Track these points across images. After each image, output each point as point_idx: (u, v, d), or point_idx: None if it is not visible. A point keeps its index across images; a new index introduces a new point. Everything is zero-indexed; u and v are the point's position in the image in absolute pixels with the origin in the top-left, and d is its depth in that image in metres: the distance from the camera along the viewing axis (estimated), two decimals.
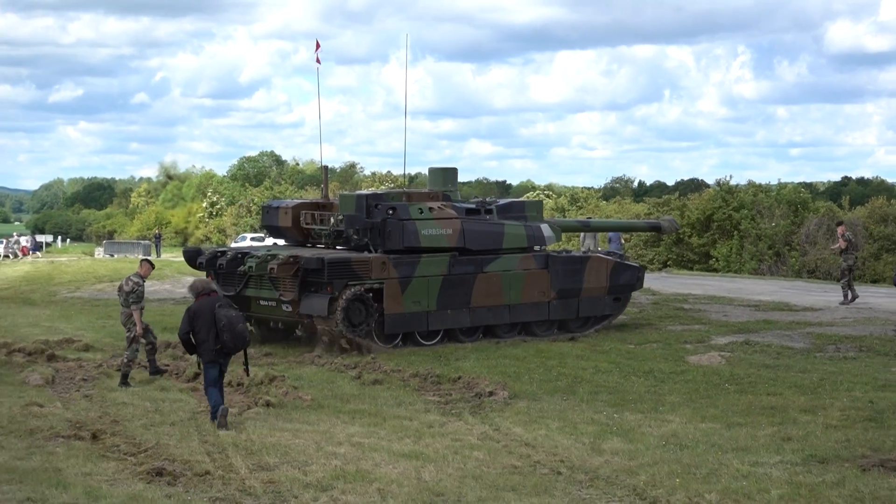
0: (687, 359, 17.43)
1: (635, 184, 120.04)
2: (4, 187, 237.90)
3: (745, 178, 76.32)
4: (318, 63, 23.89)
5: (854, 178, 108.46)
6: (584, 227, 26.87)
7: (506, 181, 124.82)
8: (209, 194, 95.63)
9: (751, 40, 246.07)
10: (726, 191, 51.78)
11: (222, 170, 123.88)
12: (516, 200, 23.05)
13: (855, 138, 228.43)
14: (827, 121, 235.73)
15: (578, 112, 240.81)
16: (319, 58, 23.84)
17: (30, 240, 70.08)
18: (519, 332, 20.36)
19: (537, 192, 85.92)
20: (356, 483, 9.51)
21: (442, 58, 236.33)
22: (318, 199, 21.51)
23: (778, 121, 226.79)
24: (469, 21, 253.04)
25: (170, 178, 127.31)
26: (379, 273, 18.54)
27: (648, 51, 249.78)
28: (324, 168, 24.02)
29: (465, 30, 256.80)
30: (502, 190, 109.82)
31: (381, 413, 13.04)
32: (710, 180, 78.08)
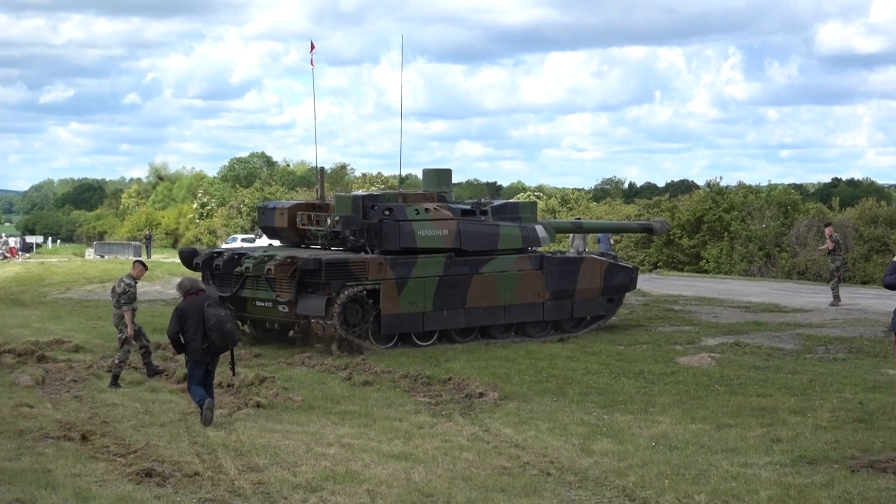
0: (677, 360, 17.46)
1: (626, 185, 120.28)
2: None
3: (736, 179, 76.42)
4: (311, 65, 23.91)
5: (844, 179, 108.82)
6: (577, 228, 26.92)
7: (496, 182, 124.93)
8: (200, 195, 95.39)
9: (741, 42, 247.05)
10: (717, 192, 51.94)
11: (213, 171, 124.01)
12: (511, 202, 23.13)
13: (845, 140, 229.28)
14: (817, 122, 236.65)
15: (569, 113, 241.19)
16: (312, 58, 23.87)
17: (18, 241, 69.89)
18: (514, 333, 20.42)
19: (528, 193, 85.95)
20: (346, 484, 9.51)
21: (433, 59, 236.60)
22: (315, 200, 21.51)
23: (768, 122, 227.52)
24: (460, 22, 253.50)
25: (160, 179, 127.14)
26: (376, 274, 18.56)
27: (639, 52, 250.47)
28: (320, 170, 24.09)
29: (456, 31, 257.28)
30: (493, 191, 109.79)
31: (371, 414, 13.04)
32: (701, 182, 78.22)
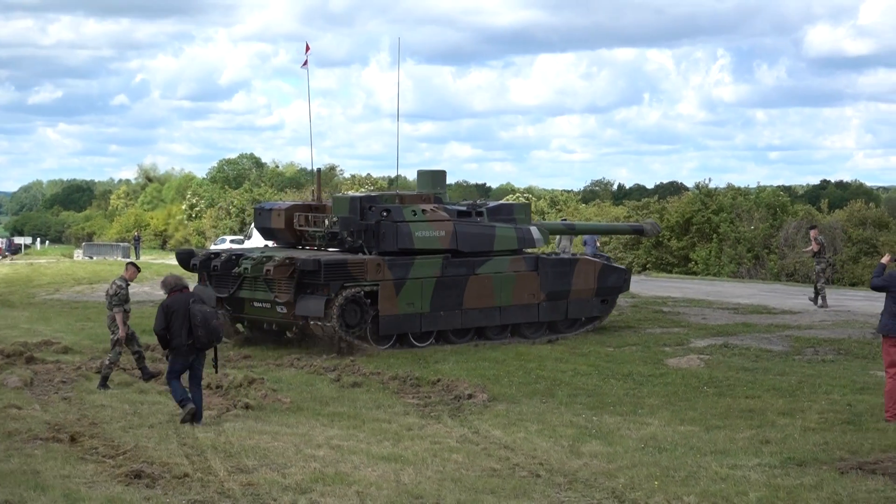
0: (666, 362, 17.49)
1: (615, 187, 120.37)
2: None
3: (725, 181, 76.25)
4: (305, 66, 23.96)
5: (833, 181, 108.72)
6: (570, 229, 26.97)
7: (485, 184, 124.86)
8: (188, 196, 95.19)
9: (730, 44, 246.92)
10: (705, 194, 51.98)
11: (202, 172, 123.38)
12: (505, 203, 23.19)
13: (834, 142, 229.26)
14: (806, 124, 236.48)
15: (558, 115, 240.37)
16: (307, 60, 23.95)
17: (4, 241, 69.70)
18: (510, 334, 20.45)
19: (517, 194, 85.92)
20: (335, 486, 9.50)
21: (422, 60, 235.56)
22: (311, 202, 21.56)
23: (757, 124, 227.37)
24: (449, 24, 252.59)
25: (149, 180, 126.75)
26: (374, 275, 18.59)
27: (628, 54, 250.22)
28: (317, 171, 24.49)
29: (446, 32, 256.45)
30: (482, 193, 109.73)
31: (361, 416, 13.03)
32: (690, 183, 78.08)
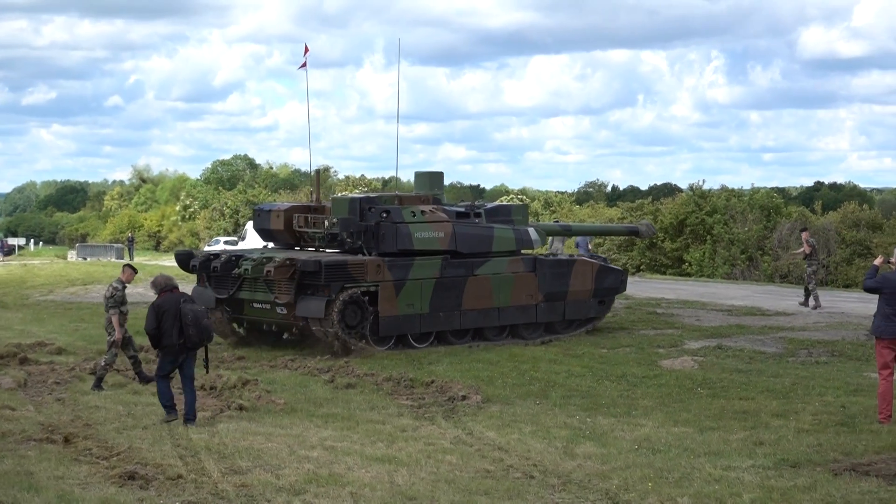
0: (660, 363, 17.50)
1: (609, 188, 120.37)
2: None
3: (718, 182, 76.69)
4: (304, 67, 23.93)
5: (826, 183, 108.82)
6: (566, 231, 27.01)
7: (479, 185, 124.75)
8: (182, 198, 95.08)
9: (724, 45, 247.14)
10: (699, 195, 52.06)
11: (196, 173, 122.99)
12: (503, 204, 23.28)
13: (827, 143, 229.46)
14: (800, 126, 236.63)
15: (552, 116, 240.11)
16: (306, 61, 23.91)
17: None
18: (507, 335, 20.46)
19: (511, 196, 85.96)
20: (329, 487, 9.50)
21: (416, 62, 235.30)
22: (310, 203, 21.58)
23: (751, 126, 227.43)
24: (444, 25, 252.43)
25: (143, 181, 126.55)
26: (374, 276, 18.60)
27: (623, 55, 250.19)
28: (316, 172, 24.36)
29: (440, 34, 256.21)
30: (476, 194, 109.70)
31: (354, 417, 13.03)
32: (684, 185, 78.15)
